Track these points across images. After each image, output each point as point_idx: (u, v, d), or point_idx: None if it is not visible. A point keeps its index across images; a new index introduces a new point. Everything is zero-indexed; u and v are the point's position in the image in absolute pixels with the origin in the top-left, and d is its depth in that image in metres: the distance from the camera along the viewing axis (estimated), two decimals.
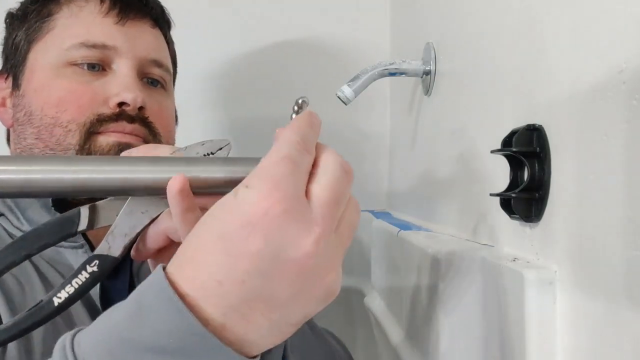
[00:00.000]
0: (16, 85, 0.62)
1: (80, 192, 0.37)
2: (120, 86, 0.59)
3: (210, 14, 1.12)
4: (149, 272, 0.65)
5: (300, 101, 0.40)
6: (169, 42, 0.70)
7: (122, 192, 0.38)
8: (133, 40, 0.62)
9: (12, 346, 0.48)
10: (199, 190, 0.38)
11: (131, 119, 0.59)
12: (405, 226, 0.80)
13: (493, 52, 0.55)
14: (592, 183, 0.36)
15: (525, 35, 0.47)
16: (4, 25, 0.66)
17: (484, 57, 0.58)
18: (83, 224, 0.40)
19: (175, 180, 0.36)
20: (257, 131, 1.13)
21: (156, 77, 0.65)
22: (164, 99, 0.66)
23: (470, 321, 0.51)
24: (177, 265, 0.32)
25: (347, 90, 0.75)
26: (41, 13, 0.62)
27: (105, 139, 0.58)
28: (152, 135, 0.62)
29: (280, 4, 1.13)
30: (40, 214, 0.58)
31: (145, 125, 0.61)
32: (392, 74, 0.79)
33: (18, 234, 0.58)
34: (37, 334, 0.50)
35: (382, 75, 0.78)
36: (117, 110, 0.59)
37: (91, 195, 0.38)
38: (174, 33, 0.72)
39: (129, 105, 0.59)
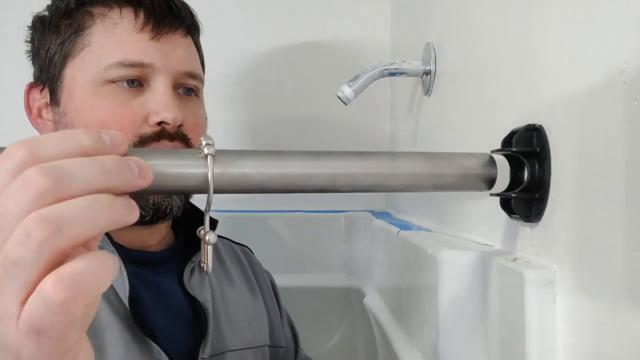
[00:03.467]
0: (55, 102, 0.62)
1: None
2: (159, 104, 0.60)
3: (208, 16, 1.12)
4: (199, 285, 0.65)
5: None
6: (199, 48, 0.71)
7: None
8: (168, 56, 0.62)
9: None
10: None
11: (171, 137, 0.60)
12: (405, 226, 0.80)
13: (493, 52, 0.55)
14: (592, 183, 0.36)
15: (525, 35, 0.47)
16: (31, 30, 0.65)
17: (484, 57, 0.58)
18: None
19: None
20: (255, 130, 1.13)
21: (190, 87, 0.66)
22: (197, 108, 0.67)
23: (471, 321, 0.51)
24: None
25: (347, 90, 0.75)
26: (75, 27, 0.61)
27: None
28: None
29: (280, 5, 1.13)
30: None
31: (184, 142, 0.62)
32: (392, 74, 0.79)
33: None
34: None
35: (382, 75, 0.78)
36: (158, 128, 0.60)
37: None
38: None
39: (169, 124, 0.60)
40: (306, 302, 1.07)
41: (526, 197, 0.43)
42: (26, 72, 0.67)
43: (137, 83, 0.61)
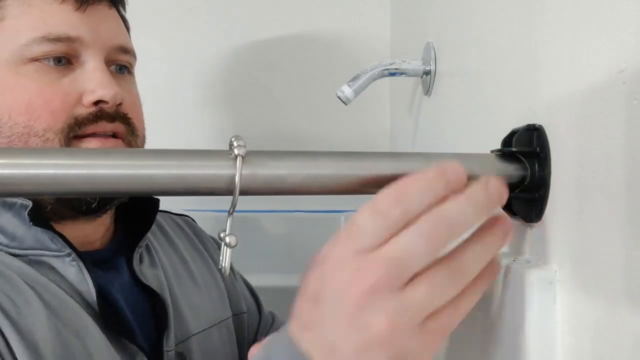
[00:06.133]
0: None
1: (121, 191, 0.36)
2: (94, 82, 0.54)
3: (207, 14, 1.12)
4: (151, 272, 0.63)
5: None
6: (125, 21, 0.65)
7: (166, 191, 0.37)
8: (97, 28, 0.56)
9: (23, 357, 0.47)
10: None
11: (111, 118, 0.55)
12: None
13: (493, 52, 0.55)
14: (592, 183, 0.36)
15: (525, 35, 0.47)
16: None
17: (484, 57, 0.58)
18: None
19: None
20: (255, 129, 1.13)
21: (124, 63, 0.61)
22: (132, 86, 0.62)
23: (470, 321, 0.51)
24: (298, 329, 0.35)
25: (347, 90, 0.75)
26: None
27: (87, 146, 0.54)
28: (130, 131, 0.58)
29: (280, 4, 1.13)
30: (15, 225, 0.54)
31: (125, 122, 0.57)
32: (392, 74, 0.79)
33: None
34: (45, 345, 0.48)
35: (382, 75, 0.78)
36: (95, 109, 0.54)
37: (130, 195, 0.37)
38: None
39: (107, 102, 0.55)
40: None
41: (526, 197, 0.43)
42: None
43: (65, 61, 0.55)
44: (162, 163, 0.36)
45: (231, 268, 0.78)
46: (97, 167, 0.35)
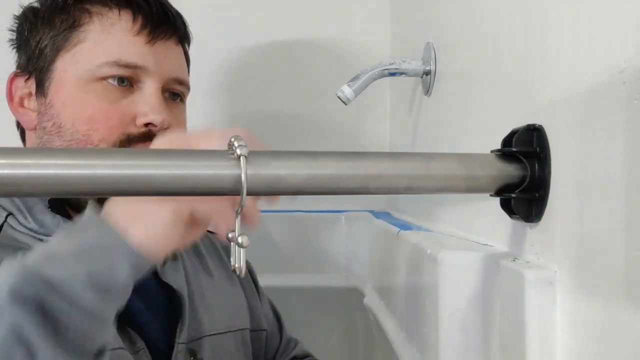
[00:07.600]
0: (42, 93, 0.63)
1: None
2: (148, 106, 0.62)
3: (209, 14, 1.12)
4: (173, 272, 0.67)
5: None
6: (188, 58, 0.73)
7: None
8: (161, 60, 0.64)
9: None
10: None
11: None
12: (405, 226, 0.80)
13: (493, 52, 0.55)
14: (592, 183, 0.36)
15: (525, 35, 0.47)
16: (20, 19, 0.66)
17: (484, 57, 0.58)
18: None
19: None
20: (255, 130, 1.13)
21: (177, 92, 0.68)
22: (181, 113, 0.69)
23: (470, 321, 0.51)
24: None
25: (347, 90, 0.75)
26: (70, 22, 0.62)
27: None
28: None
29: (281, 4, 1.13)
30: (44, 214, 0.60)
31: None
32: (392, 74, 0.79)
33: (26, 232, 0.59)
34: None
35: (382, 75, 0.78)
36: (144, 129, 0.62)
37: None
38: None
39: (156, 126, 0.62)
40: (306, 302, 1.07)
41: (526, 197, 0.43)
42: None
43: (128, 82, 0.62)
44: (164, 163, 0.36)
45: (256, 286, 0.83)
46: (98, 167, 0.35)
